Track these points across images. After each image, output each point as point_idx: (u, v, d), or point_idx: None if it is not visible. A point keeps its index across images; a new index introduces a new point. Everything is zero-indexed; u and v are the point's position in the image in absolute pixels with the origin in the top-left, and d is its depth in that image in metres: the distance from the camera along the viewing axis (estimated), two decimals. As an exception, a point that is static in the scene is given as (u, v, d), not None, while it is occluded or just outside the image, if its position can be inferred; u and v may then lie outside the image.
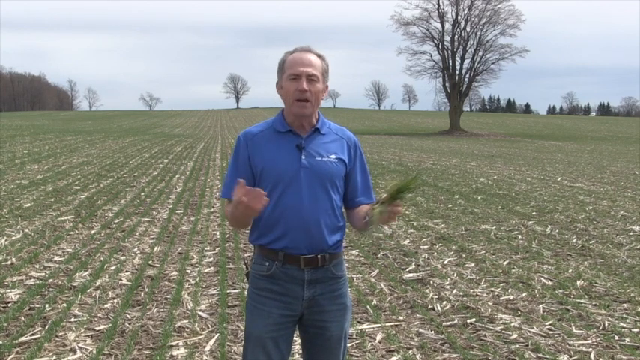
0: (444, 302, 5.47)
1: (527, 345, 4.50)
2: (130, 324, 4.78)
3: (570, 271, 6.65)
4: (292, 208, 2.44)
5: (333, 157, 2.52)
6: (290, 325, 2.54)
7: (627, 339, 4.64)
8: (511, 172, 18.25)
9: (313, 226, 2.46)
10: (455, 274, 6.42)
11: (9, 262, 6.56)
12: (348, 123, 70.62)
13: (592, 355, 4.32)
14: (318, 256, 2.48)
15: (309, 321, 2.54)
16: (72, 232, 8.26)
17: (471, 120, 76.19)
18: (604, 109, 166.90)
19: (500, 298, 5.63)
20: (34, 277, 6.05)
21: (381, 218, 2.37)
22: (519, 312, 5.25)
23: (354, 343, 4.46)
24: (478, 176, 16.83)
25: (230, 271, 6.42)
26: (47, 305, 5.17)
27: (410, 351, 4.36)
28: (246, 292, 5.22)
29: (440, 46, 56.57)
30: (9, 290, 5.60)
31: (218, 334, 4.58)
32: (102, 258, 6.86)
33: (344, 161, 2.55)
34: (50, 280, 5.94)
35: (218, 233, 8.38)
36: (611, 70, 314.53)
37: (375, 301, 5.46)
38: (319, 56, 2.52)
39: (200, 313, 5.08)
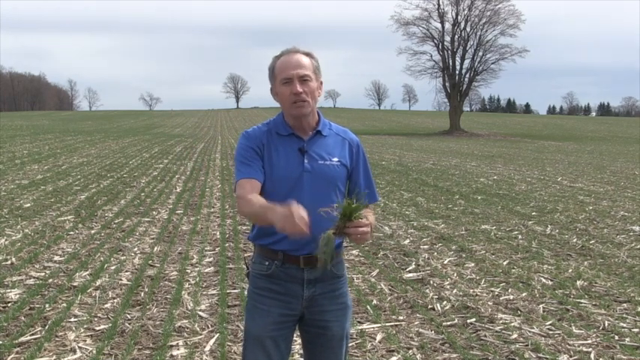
0: (444, 302, 5.47)
1: (527, 345, 4.50)
2: (130, 324, 4.78)
3: (570, 271, 6.65)
4: None
5: (335, 159, 2.51)
6: (290, 325, 2.53)
7: (627, 339, 4.64)
8: (511, 172, 18.25)
9: (315, 229, 2.45)
10: (455, 274, 6.42)
11: (9, 262, 6.57)
12: (348, 123, 70.61)
13: (592, 355, 4.32)
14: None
15: (310, 321, 2.54)
16: (72, 232, 8.26)
17: (471, 120, 76.17)
18: (604, 109, 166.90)
19: (500, 298, 5.63)
20: (34, 277, 6.05)
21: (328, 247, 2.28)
22: (519, 312, 5.24)
23: (354, 343, 4.46)
24: (478, 176, 16.83)
25: (230, 271, 6.42)
26: (47, 305, 5.17)
27: (410, 351, 4.36)
28: (246, 292, 5.23)
29: (440, 46, 56.56)
30: (9, 290, 5.60)
31: (218, 334, 4.58)
32: (102, 258, 6.87)
33: (345, 164, 2.54)
34: (50, 280, 5.94)
35: (218, 233, 8.38)
36: (611, 70, 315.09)
37: (375, 301, 5.46)
38: (307, 54, 2.49)
39: (200, 313, 5.08)
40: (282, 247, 2.47)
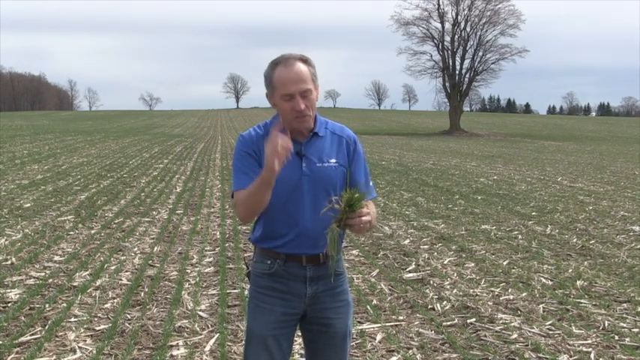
0: (444, 302, 5.47)
1: (527, 345, 4.50)
2: (130, 324, 4.78)
3: (570, 271, 6.65)
4: (295, 216, 2.44)
5: (333, 161, 2.49)
6: (292, 324, 2.54)
7: (627, 339, 4.64)
8: (511, 172, 18.25)
9: (316, 231, 2.44)
10: (455, 274, 6.42)
11: (9, 262, 6.57)
12: (348, 123, 70.12)
13: (592, 355, 4.32)
14: (320, 254, 2.48)
15: (313, 319, 2.54)
16: (72, 232, 8.26)
17: (471, 120, 76.15)
18: (604, 109, 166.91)
19: (500, 298, 5.63)
20: (34, 277, 6.05)
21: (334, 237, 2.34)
22: (519, 312, 5.25)
23: (354, 343, 4.46)
24: (478, 176, 16.83)
25: (230, 271, 6.42)
26: (47, 305, 5.18)
27: (410, 351, 4.36)
28: (246, 292, 5.23)
29: (440, 46, 56.54)
30: (9, 290, 5.60)
31: (218, 334, 4.58)
32: (102, 258, 6.87)
33: (344, 164, 2.53)
34: (50, 280, 5.94)
35: (218, 233, 8.38)
36: (611, 70, 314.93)
37: (375, 301, 5.46)
38: (305, 61, 2.43)
39: (200, 313, 5.08)
40: (286, 250, 2.48)
